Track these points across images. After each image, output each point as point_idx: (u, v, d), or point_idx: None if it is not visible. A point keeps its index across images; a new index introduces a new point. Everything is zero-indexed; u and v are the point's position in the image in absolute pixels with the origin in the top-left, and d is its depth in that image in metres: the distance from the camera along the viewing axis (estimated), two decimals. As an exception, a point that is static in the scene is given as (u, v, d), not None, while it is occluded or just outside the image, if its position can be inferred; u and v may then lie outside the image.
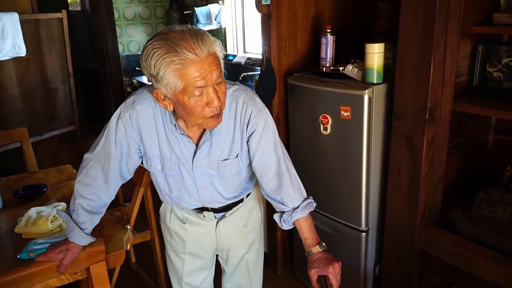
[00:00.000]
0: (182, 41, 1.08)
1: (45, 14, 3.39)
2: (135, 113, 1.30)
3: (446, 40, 1.59)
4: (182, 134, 1.31)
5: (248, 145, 1.37)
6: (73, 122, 3.88)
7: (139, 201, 2.09)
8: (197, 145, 1.34)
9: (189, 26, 1.15)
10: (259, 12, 2.15)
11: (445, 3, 1.55)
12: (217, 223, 1.55)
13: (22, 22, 3.17)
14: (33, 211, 1.72)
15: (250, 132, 1.34)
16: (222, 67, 1.18)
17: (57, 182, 2.18)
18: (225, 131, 1.33)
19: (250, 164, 1.43)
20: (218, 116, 1.22)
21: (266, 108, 1.36)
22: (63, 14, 3.46)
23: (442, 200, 1.89)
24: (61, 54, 3.59)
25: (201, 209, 1.51)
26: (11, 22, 3.06)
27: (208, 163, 1.36)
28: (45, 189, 2.03)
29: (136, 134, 1.33)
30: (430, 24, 1.55)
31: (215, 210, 1.51)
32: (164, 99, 1.20)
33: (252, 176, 1.51)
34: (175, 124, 1.29)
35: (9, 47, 3.08)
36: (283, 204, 1.39)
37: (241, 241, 1.60)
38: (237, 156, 1.37)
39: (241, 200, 1.54)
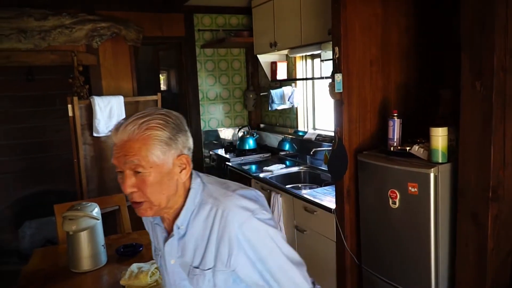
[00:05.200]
0: (127, 120, 1.13)
1: (144, 96, 3.96)
2: None
3: (505, 126, 1.74)
4: (156, 224, 1.31)
5: (242, 267, 1.19)
6: (157, 190, 4.27)
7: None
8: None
9: (159, 112, 1.16)
10: (332, 98, 2.44)
11: (501, 93, 1.71)
12: None
13: (125, 104, 3.72)
14: (134, 266, 1.99)
15: (237, 255, 1.17)
16: (152, 159, 1.11)
17: (149, 242, 2.47)
18: (199, 236, 1.21)
19: None
20: (138, 205, 1.16)
21: (258, 211, 1.18)
22: (158, 97, 3.99)
23: (511, 274, 1.92)
24: (152, 130, 4.07)
25: None
26: (118, 104, 3.63)
27: (181, 264, 1.26)
28: (141, 248, 2.33)
29: (148, 223, 1.42)
30: (488, 112, 1.72)
31: None
32: None
33: None
34: None
35: (114, 125, 3.62)
36: None
37: None
38: (209, 269, 1.20)
39: None
